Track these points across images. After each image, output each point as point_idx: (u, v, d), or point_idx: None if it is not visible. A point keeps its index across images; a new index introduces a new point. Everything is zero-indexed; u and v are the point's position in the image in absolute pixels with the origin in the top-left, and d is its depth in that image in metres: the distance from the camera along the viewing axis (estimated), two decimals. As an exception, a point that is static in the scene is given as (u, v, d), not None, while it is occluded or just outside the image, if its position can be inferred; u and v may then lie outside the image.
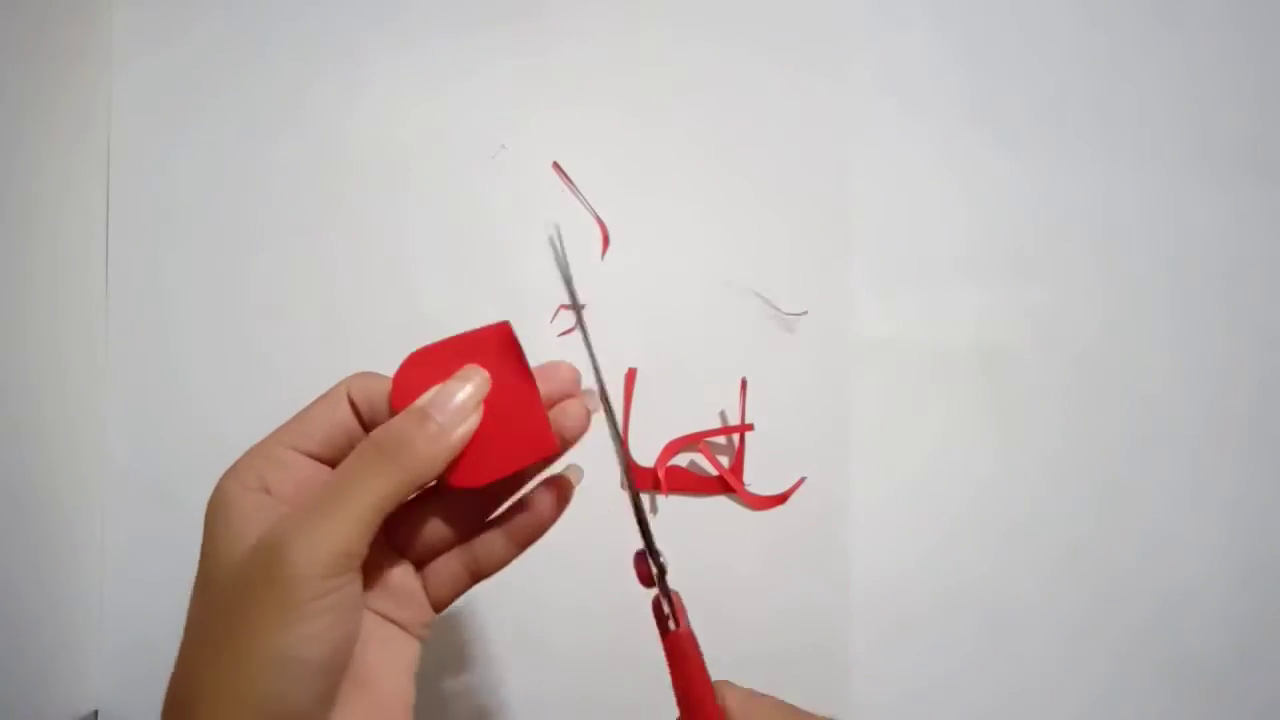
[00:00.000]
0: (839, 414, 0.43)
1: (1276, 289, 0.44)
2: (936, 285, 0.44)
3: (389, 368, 0.43)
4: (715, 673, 0.28)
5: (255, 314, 0.43)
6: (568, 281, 0.30)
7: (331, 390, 0.29)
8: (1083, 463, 0.43)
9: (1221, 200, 0.44)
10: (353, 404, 0.29)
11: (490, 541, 0.30)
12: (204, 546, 0.26)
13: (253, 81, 0.44)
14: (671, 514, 0.42)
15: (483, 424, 0.28)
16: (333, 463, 0.28)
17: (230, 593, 0.25)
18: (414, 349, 0.29)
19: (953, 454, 0.43)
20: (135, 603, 0.42)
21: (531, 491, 0.31)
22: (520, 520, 0.30)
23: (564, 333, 0.43)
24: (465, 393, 0.28)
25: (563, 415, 0.29)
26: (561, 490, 0.31)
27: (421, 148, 0.44)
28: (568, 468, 0.31)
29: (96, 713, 0.42)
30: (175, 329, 0.43)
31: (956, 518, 0.43)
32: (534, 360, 0.33)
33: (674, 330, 0.43)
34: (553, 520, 0.31)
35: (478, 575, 0.31)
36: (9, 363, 0.38)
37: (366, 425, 0.29)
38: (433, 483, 0.28)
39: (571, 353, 0.43)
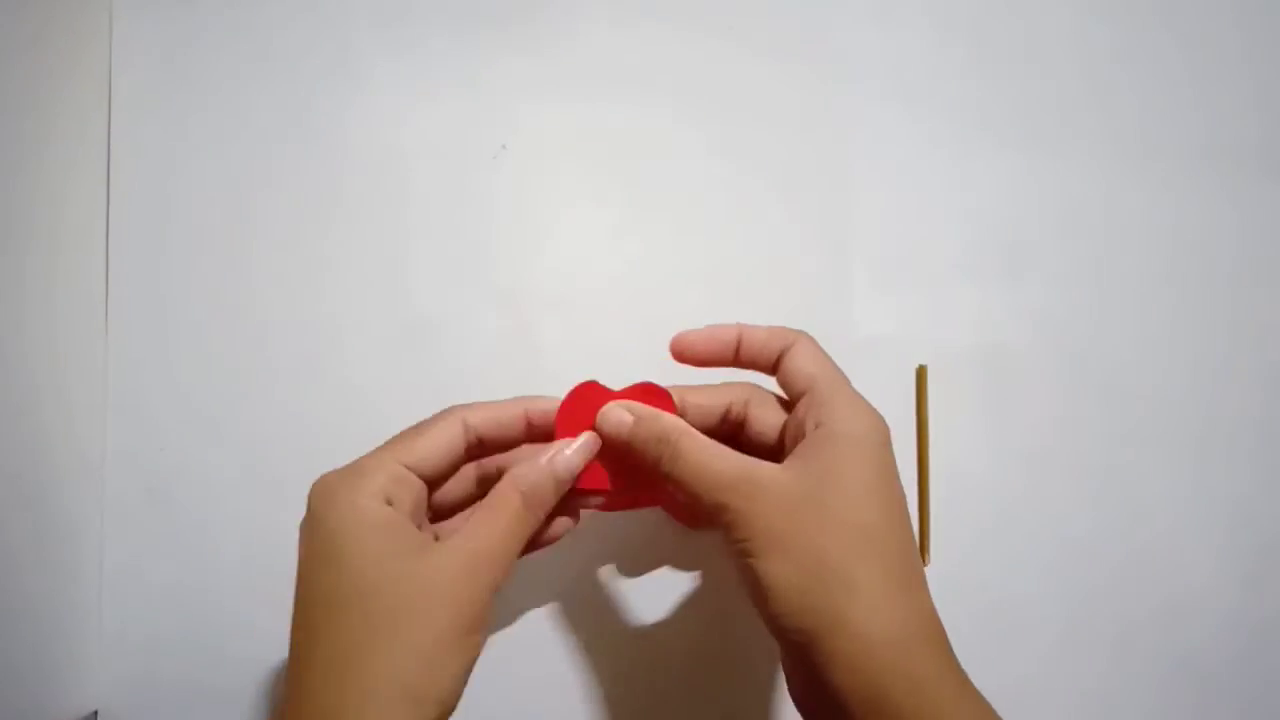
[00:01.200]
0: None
1: (1278, 288, 0.44)
2: (936, 285, 0.44)
3: (387, 368, 0.43)
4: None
5: (255, 314, 0.43)
6: None
7: (445, 418, 0.33)
8: (1083, 462, 0.43)
9: (1223, 199, 0.44)
10: (469, 433, 0.33)
11: None
12: (336, 551, 0.29)
13: (253, 82, 0.44)
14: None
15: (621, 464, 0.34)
16: (431, 481, 0.33)
17: (388, 597, 0.28)
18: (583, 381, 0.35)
19: (952, 453, 0.43)
20: (135, 603, 0.42)
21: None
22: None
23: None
24: (575, 455, 0.33)
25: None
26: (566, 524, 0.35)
27: (421, 148, 0.44)
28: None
29: (96, 713, 0.42)
30: (175, 329, 0.43)
31: (955, 517, 0.43)
32: (535, 361, 0.33)
33: (674, 330, 0.43)
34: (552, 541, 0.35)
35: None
36: (8, 363, 0.38)
37: (471, 452, 0.34)
38: None
39: (572, 356, 0.44)
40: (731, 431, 0.35)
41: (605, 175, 0.44)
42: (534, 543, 0.33)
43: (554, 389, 0.35)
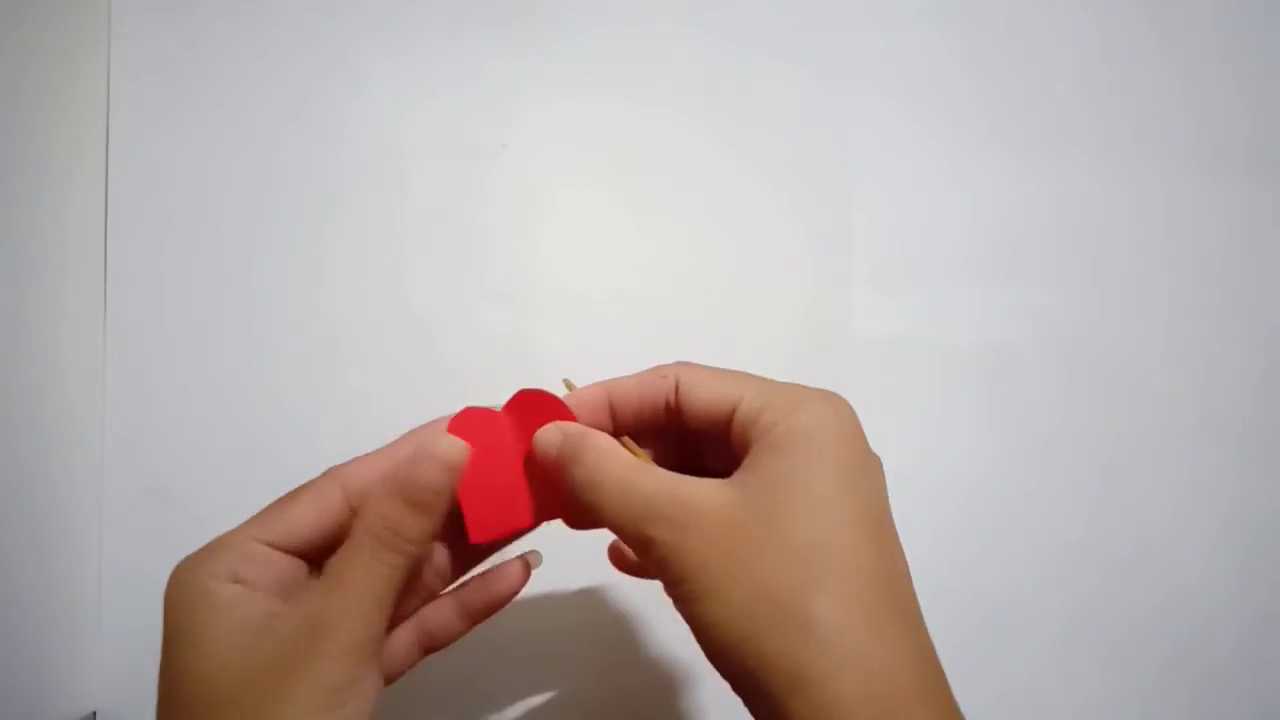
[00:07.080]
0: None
1: (1276, 288, 0.44)
2: (937, 285, 0.44)
3: (386, 367, 0.43)
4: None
5: (254, 315, 0.43)
6: None
7: (318, 485, 0.28)
8: (1083, 462, 0.43)
9: (1221, 199, 0.44)
10: (353, 498, 0.28)
11: (442, 612, 0.30)
12: (182, 638, 0.26)
13: (252, 82, 0.44)
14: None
15: (505, 481, 0.29)
16: (309, 554, 0.28)
17: (233, 682, 0.25)
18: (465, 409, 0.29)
19: (953, 454, 0.43)
20: (134, 603, 0.42)
21: (493, 568, 0.31)
22: (474, 594, 0.30)
23: (564, 333, 0.43)
24: (439, 469, 0.27)
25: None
26: (523, 569, 0.31)
27: (421, 148, 0.44)
28: (528, 553, 0.31)
29: (95, 714, 0.42)
30: (174, 329, 0.43)
31: (955, 517, 0.43)
32: (534, 361, 0.33)
33: (674, 330, 0.43)
34: (507, 598, 0.30)
35: (429, 648, 0.30)
36: (7, 363, 0.38)
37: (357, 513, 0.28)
38: None
39: (572, 356, 0.43)
40: (672, 430, 0.30)
41: (605, 175, 0.44)
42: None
43: (553, 390, 0.33)
